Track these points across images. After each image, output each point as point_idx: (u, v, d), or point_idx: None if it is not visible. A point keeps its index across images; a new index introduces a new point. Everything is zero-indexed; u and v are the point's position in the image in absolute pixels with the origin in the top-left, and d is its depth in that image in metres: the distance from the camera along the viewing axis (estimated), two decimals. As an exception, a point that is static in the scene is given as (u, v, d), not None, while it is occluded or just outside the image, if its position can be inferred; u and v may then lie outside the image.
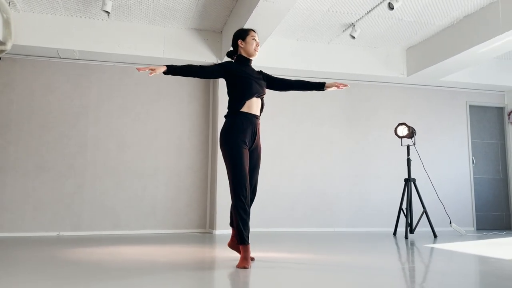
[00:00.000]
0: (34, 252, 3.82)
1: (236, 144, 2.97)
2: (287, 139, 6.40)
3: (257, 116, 3.12)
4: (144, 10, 5.39)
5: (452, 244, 4.66)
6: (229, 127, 3.03)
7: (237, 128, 2.99)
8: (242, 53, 3.21)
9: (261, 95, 3.17)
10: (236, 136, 2.98)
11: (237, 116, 3.03)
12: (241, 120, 3.02)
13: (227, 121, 3.08)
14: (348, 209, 6.48)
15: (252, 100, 3.07)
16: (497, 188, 7.15)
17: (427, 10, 5.31)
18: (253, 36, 3.19)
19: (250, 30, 3.23)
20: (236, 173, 2.93)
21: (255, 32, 3.25)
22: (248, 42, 3.17)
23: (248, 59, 3.21)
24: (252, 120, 3.06)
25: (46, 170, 5.60)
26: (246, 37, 3.19)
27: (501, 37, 5.06)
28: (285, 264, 3.11)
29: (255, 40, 3.19)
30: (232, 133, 2.99)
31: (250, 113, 3.06)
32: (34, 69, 5.74)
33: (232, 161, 2.95)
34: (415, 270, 3.03)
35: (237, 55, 3.24)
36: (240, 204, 2.91)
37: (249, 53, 3.19)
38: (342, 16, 5.47)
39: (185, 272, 2.76)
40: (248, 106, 3.06)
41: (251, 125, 3.05)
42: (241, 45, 3.20)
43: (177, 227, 5.92)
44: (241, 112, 3.04)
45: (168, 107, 6.10)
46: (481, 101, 7.24)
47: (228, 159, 2.98)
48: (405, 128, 5.66)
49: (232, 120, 3.04)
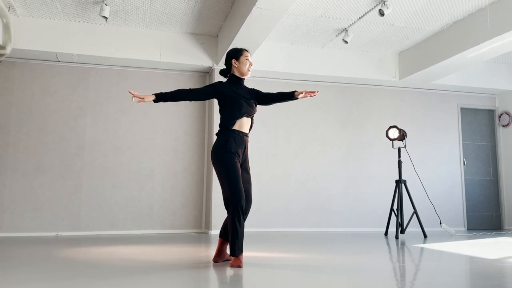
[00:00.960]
0: (32, 252, 3.90)
1: (230, 158, 3.07)
2: (281, 140, 6.52)
3: (247, 134, 3.25)
4: (141, 15, 5.50)
5: (441, 244, 4.77)
6: (221, 144, 3.13)
7: (231, 144, 3.11)
8: (235, 72, 3.30)
9: (251, 115, 3.28)
10: (229, 151, 3.09)
11: (229, 134, 3.14)
12: (233, 138, 3.13)
13: (219, 138, 3.18)
14: (342, 209, 6.60)
15: (242, 119, 3.19)
16: (488, 189, 7.29)
17: (417, 16, 5.43)
18: (246, 57, 3.29)
19: (243, 50, 3.32)
20: (233, 186, 3.01)
21: (248, 52, 3.36)
22: (242, 62, 3.26)
23: (240, 78, 3.31)
24: (243, 138, 3.18)
25: (45, 171, 5.71)
26: (240, 57, 3.28)
27: (489, 42, 5.19)
28: (279, 264, 3.21)
29: (248, 61, 3.28)
30: (225, 149, 3.09)
31: (241, 131, 3.18)
32: (33, 73, 5.84)
33: (228, 175, 3.04)
34: (405, 269, 3.14)
35: (230, 74, 3.34)
36: (238, 216, 3.00)
37: (242, 73, 3.29)
38: (335, 22, 5.59)
39: (181, 272, 2.86)
40: (239, 125, 3.18)
41: (242, 142, 3.17)
42: (234, 65, 3.29)
43: (174, 227, 6.03)
44: (233, 130, 3.15)
45: (165, 110, 6.21)
46: (472, 104, 7.37)
47: (223, 173, 3.06)
48: (396, 130, 5.78)
49: (224, 137, 3.15)
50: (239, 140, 3.15)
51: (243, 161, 3.21)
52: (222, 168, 3.07)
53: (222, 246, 3.20)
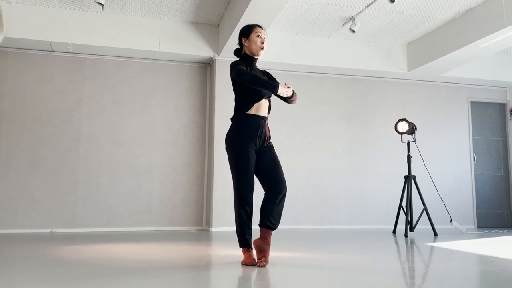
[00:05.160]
0: (24, 249, 3.72)
1: (242, 148, 2.85)
2: (285, 134, 6.29)
3: (265, 118, 2.98)
4: (139, 3, 5.27)
5: (453, 242, 4.56)
6: (235, 130, 2.90)
7: (244, 131, 2.87)
8: (246, 52, 3.02)
9: (269, 97, 3.02)
10: (243, 139, 2.86)
11: (244, 119, 2.90)
12: (249, 123, 2.89)
13: (233, 124, 2.94)
14: (348, 206, 6.38)
15: (260, 102, 2.94)
16: (499, 185, 7.05)
17: (428, 4, 5.18)
18: (257, 33, 2.98)
19: (255, 26, 3.02)
20: (238, 177, 2.85)
21: (262, 27, 3.04)
22: (252, 40, 2.97)
23: (253, 58, 3.03)
24: (260, 122, 2.92)
25: (39, 166, 5.49)
26: (250, 34, 2.98)
27: (504, 31, 4.95)
28: (282, 263, 3.00)
29: (259, 37, 2.97)
30: (239, 136, 2.87)
31: (258, 115, 2.93)
32: (26, 63, 5.61)
33: (237, 165, 2.85)
34: (414, 270, 2.92)
35: (241, 54, 3.06)
36: (243, 211, 2.85)
37: (253, 52, 3.00)
38: (342, 9, 5.34)
39: (179, 273, 2.66)
40: (256, 109, 2.92)
41: (259, 127, 2.91)
42: (245, 43, 3.01)
43: (173, 224, 5.81)
44: (248, 114, 2.90)
45: (164, 102, 5.99)
46: (483, 97, 7.12)
47: (233, 163, 2.88)
48: (405, 124, 5.55)
49: (239, 123, 2.91)
50: (256, 124, 2.89)
51: (264, 146, 2.95)
52: (232, 158, 2.89)
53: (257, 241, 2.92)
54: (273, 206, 2.87)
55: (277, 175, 2.90)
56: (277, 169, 2.92)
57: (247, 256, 2.86)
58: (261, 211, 2.90)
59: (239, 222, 2.88)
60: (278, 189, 2.87)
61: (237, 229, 2.91)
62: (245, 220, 2.87)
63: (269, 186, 2.90)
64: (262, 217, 2.89)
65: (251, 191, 2.87)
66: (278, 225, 2.91)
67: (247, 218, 2.87)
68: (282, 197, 2.89)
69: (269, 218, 2.87)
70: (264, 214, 2.87)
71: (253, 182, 2.88)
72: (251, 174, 2.88)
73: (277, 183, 2.88)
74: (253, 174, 2.90)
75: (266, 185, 2.91)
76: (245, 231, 2.87)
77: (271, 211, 2.87)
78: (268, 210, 2.87)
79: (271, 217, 2.87)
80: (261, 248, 2.84)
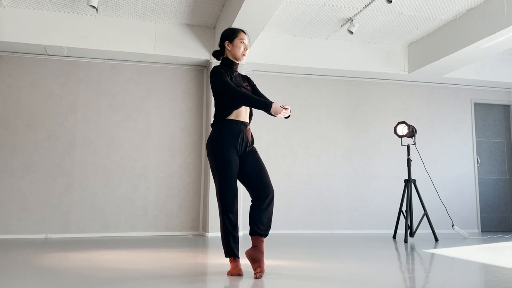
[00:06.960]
0: (16, 256, 3.64)
1: (223, 154, 2.75)
2: (283, 137, 6.19)
3: (246, 123, 2.88)
4: (133, 5, 5.20)
5: (454, 249, 4.42)
6: (216, 136, 2.81)
7: (224, 137, 2.78)
8: (228, 56, 2.94)
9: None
10: (223, 145, 2.76)
11: (224, 125, 2.81)
12: (229, 128, 2.79)
13: (214, 130, 2.86)
14: (347, 210, 6.26)
15: (240, 108, 2.85)
16: (503, 188, 6.89)
17: (428, 4, 5.06)
18: (241, 39, 2.91)
19: (239, 32, 2.94)
20: (220, 184, 2.76)
21: (246, 33, 2.97)
22: (236, 45, 2.90)
23: (234, 62, 2.95)
24: (241, 127, 2.83)
25: (33, 170, 5.43)
26: (234, 39, 2.91)
27: (505, 31, 4.82)
28: (277, 274, 2.88)
29: (243, 43, 2.91)
30: (219, 142, 2.78)
31: (238, 120, 2.83)
32: (20, 67, 5.56)
33: (219, 172, 2.76)
34: (415, 281, 2.80)
35: (223, 58, 2.98)
36: (227, 219, 2.75)
37: (236, 57, 2.92)
38: (339, 10, 5.24)
39: (172, 284, 2.56)
40: (236, 114, 2.83)
41: (240, 132, 2.81)
42: (228, 47, 2.93)
43: (169, 229, 5.73)
44: (228, 120, 2.81)
45: (160, 105, 5.91)
46: (487, 99, 6.98)
47: (215, 170, 2.79)
48: (405, 127, 5.43)
49: (219, 128, 2.82)
50: (237, 130, 2.80)
51: (247, 151, 2.85)
52: (214, 164, 2.79)
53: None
54: (260, 212, 2.76)
55: (262, 180, 2.80)
56: (262, 173, 2.82)
57: (233, 267, 2.76)
58: (250, 219, 2.79)
59: (223, 230, 2.77)
60: (264, 194, 2.77)
61: (222, 238, 2.80)
62: (229, 229, 2.76)
63: (254, 192, 2.79)
64: (251, 225, 2.78)
65: (234, 198, 2.76)
66: (269, 231, 2.79)
67: (231, 226, 2.76)
68: (270, 201, 2.79)
69: (257, 225, 2.75)
70: (253, 221, 2.77)
71: (236, 189, 2.78)
72: (234, 180, 2.77)
73: (263, 187, 2.78)
74: (236, 181, 2.79)
75: (251, 191, 2.81)
76: (229, 240, 2.76)
77: (259, 217, 2.76)
78: (256, 217, 2.76)
79: (259, 223, 2.76)
80: (254, 258, 2.72)
